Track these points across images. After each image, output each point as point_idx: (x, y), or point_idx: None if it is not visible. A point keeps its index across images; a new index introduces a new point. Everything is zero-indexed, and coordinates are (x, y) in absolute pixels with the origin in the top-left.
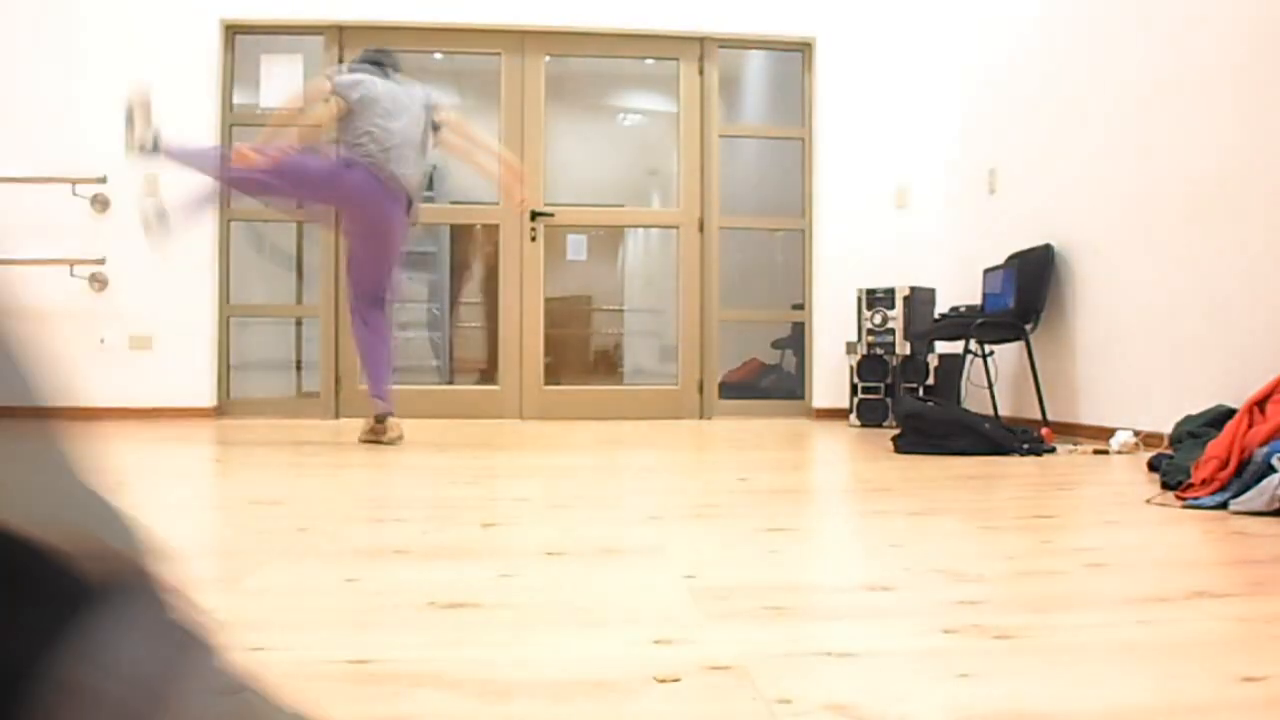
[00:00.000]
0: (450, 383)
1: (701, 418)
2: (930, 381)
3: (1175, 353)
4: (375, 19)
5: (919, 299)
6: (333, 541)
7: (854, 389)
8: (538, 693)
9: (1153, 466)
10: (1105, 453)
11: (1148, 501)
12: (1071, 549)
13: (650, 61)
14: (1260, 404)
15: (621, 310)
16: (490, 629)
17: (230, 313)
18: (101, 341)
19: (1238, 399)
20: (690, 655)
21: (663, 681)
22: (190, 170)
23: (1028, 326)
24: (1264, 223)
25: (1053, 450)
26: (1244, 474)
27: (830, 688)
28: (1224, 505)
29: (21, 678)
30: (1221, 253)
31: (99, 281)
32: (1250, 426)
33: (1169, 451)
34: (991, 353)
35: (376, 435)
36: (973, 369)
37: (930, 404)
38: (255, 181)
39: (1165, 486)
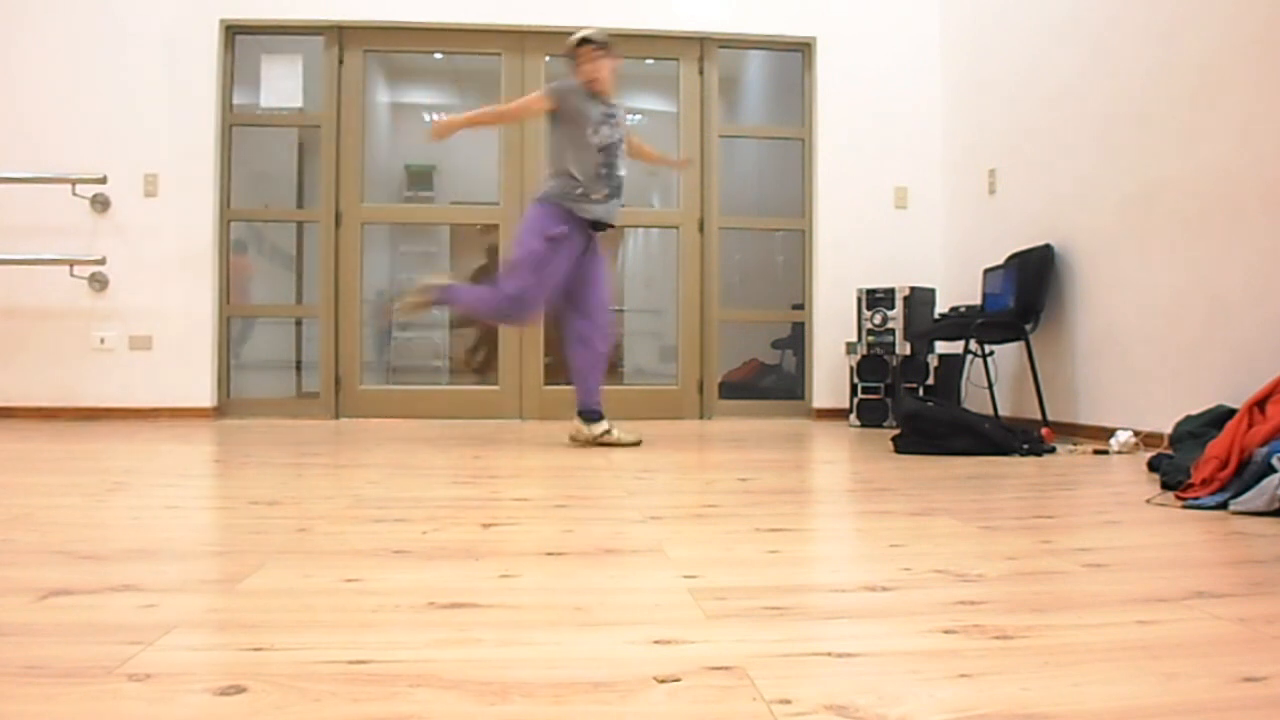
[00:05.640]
0: (450, 383)
1: (701, 418)
2: (930, 381)
3: (1175, 353)
4: (375, 19)
5: (919, 299)
6: (333, 541)
7: (854, 389)
8: (537, 693)
9: (1153, 466)
10: (1105, 453)
11: (1148, 501)
12: (1071, 549)
13: (650, 61)
14: (1260, 404)
15: (621, 310)
16: (490, 629)
17: (230, 313)
18: (101, 341)
19: (1238, 399)
20: (690, 655)
21: (663, 681)
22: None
23: (1028, 326)
24: (1263, 223)
25: (1053, 450)
26: (1244, 474)
27: (830, 688)
28: (1224, 505)
29: None
30: (1221, 252)
31: (99, 281)
32: (1250, 426)
33: (1169, 451)
34: (991, 353)
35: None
36: (973, 369)
37: (930, 404)
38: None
39: (1165, 486)
